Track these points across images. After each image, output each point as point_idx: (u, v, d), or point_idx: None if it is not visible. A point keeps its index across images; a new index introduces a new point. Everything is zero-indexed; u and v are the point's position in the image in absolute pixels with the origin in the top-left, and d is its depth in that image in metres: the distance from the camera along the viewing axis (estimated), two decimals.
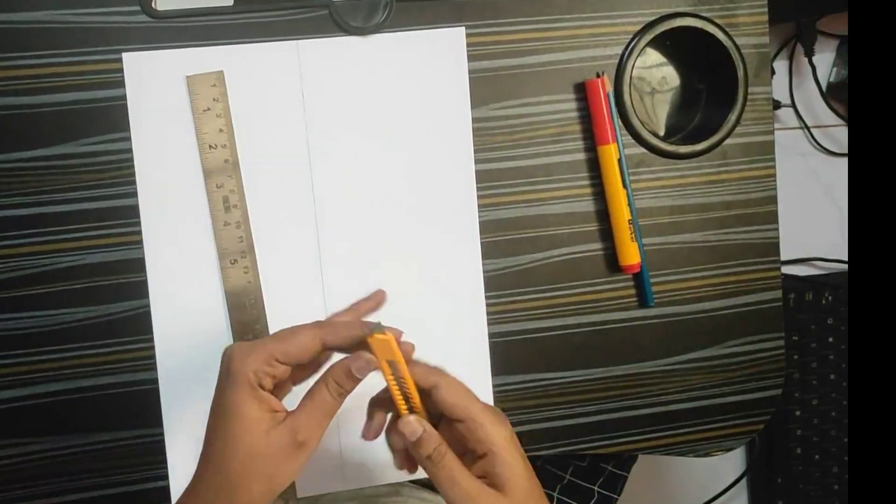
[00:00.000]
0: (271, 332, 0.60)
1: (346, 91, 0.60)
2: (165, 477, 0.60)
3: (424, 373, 0.50)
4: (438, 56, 0.61)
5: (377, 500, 0.66)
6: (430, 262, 0.62)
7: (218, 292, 0.59)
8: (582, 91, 0.64)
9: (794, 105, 1.05)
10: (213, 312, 0.59)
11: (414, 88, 0.61)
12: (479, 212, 0.63)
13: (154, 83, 0.58)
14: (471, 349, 0.59)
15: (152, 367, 0.59)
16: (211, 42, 0.58)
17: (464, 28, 0.61)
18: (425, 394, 0.50)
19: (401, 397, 0.50)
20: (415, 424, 0.49)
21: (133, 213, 0.58)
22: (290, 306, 0.60)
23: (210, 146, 0.58)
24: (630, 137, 0.65)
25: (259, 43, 0.59)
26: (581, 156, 0.64)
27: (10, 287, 0.58)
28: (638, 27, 0.64)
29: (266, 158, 0.59)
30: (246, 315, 0.59)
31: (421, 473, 0.52)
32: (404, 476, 0.57)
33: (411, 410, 0.50)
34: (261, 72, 0.59)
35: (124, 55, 0.57)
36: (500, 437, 0.49)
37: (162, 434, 0.60)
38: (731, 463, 1.10)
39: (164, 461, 0.60)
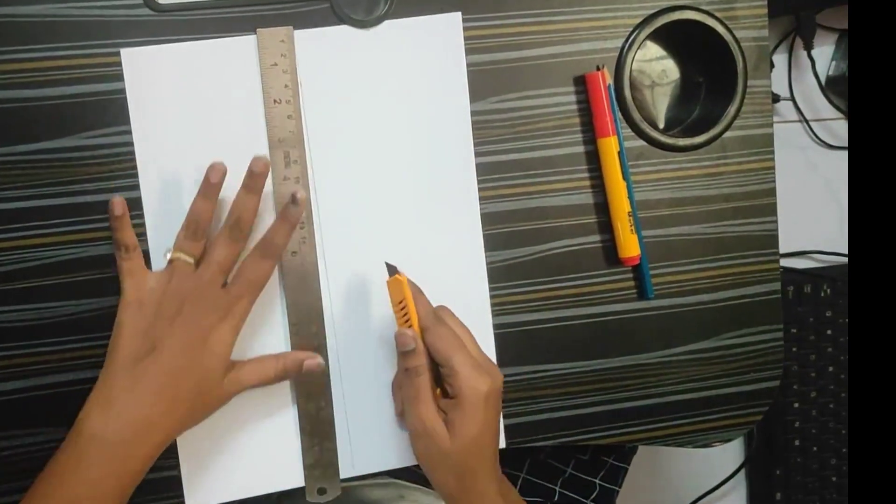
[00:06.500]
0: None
1: (343, 80, 0.60)
2: (175, 467, 0.60)
3: (422, 315, 0.57)
4: (435, 42, 0.61)
5: None
6: (432, 255, 0.63)
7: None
8: (582, 84, 0.64)
9: (793, 98, 1.05)
10: None
11: (411, 76, 0.61)
12: (480, 204, 0.63)
13: (153, 77, 0.58)
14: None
15: None
16: (212, 35, 0.58)
17: (460, 13, 0.61)
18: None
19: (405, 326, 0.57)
20: (409, 338, 0.56)
21: (136, 205, 0.58)
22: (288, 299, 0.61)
23: (275, 101, 0.59)
24: (630, 130, 0.65)
25: (250, 35, 0.59)
26: (581, 148, 0.64)
27: (11, 279, 0.58)
28: (638, 20, 0.64)
29: (262, 143, 0.59)
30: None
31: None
32: (409, 461, 0.62)
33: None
34: (255, 61, 0.59)
35: (122, 51, 0.57)
36: (468, 389, 0.55)
37: None
38: (729, 454, 1.10)
39: (174, 451, 0.60)
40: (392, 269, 0.57)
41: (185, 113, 0.59)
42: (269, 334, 0.60)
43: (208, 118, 0.59)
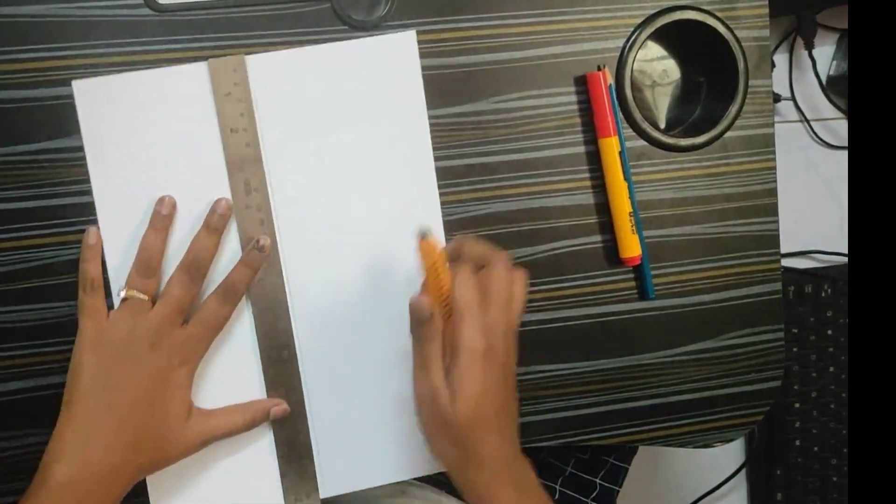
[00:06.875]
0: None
1: (299, 104, 0.60)
2: (144, 492, 0.59)
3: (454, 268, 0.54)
4: (391, 62, 0.60)
5: (383, 501, 0.67)
6: (395, 274, 0.62)
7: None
8: (583, 84, 0.64)
9: (793, 98, 1.05)
10: None
11: (367, 96, 0.60)
12: (479, 204, 0.63)
13: (107, 108, 0.57)
14: None
15: None
16: (213, 35, 0.58)
17: (414, 32, 0.61)
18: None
19: (437, 292, 0.55)
20: (426, 305, 0.53)
21: None
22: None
23: (231, 130, 0.58)
24: (631, 130, 0.65)
25: (202, 63, 0.58)
26: (582, 148, 0.64)
27: (12, 279, 0.58)
28: (639, 20, 0.64)
29: (221, 172, 0.59)
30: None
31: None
32: (380, 481, 0.62)
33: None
34: (208, 89, 0.58)
35: (74, 83, 0.57)
36: (464, 349, 0.52)
37: None
38: (730, 454, 1.10)
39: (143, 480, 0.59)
40: (424, 232, 0.55)
41: (141, 143, 0.58)
42: (240, 362, 0.60)
43: (165, 148, 0.58)
